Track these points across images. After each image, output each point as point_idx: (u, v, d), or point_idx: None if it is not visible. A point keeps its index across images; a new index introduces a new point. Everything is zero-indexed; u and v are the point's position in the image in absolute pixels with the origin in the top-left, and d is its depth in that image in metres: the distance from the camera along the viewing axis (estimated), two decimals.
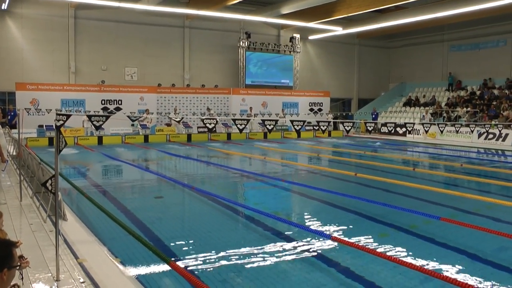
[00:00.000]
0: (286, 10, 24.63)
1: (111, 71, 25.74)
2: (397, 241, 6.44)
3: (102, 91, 23.60)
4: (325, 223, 7.40)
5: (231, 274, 5.15)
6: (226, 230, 7.20)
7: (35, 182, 9.04)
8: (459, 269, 5.34)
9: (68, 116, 4.91)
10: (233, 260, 5.54)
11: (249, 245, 6.11)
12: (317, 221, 7.58)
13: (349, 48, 34.35)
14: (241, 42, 28.72)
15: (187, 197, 10.16)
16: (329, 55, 33.46)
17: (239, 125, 7.14)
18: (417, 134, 25.27)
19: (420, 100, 30.82)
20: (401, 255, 5.76)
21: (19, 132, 10.25)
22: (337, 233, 6.73)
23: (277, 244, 6.20)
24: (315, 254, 5.86)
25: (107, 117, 5.46)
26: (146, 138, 22.06)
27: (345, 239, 6.37)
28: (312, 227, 7.09)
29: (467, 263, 5.61)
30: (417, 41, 33.56)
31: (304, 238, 6.44)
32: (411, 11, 25.53)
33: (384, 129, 26.47)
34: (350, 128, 7.73)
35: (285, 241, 6.36)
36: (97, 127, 5.54)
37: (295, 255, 5.80)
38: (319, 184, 11.10)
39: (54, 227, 5.82)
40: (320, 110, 30.09)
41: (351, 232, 6.79)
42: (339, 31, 29.54)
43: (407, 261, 5.47)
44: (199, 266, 5.34)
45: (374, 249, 5.95)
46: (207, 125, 7.05)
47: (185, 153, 18.20)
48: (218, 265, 5.37)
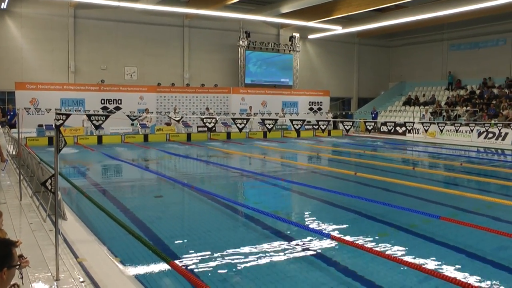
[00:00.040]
0: (285, 9, 24.62)
1: (110, 71, 25.73)
2: (397, 240, 6.45)
3: (101, 91, 23.60)
4: (324, 222, 7.40)
5: (230, 273, 5.15)
6: (225, 229, 7.20)
7: (34, 181, 9.03)
8: (458, 268, 5.35)
9: (67, 115, 4.90)
10: (232, 259, 5.54)
11: (249, 244, 6.11)
12: (316, 220, 7.58)
13: (349, 47, 34.34)
14: (241, 41, 28.71)
15: (187, 197, 10.16)
16: (329, 54, 33.45)
17: (238, 124, 7.15)
18: (417, 133, 25.28)
19: (419, 99, 30.81)
20: (401, 254, 5.77)
21: (19, 131, 10.25)
22: (336, 232, 6.73)
23: (277, 243, 6.20)
24: (314, 253, 5.87)
25: (107, 117, 5.45)
26: (145, 137, 22.05)
27: (345, 238, 6.38)
28: (311, 226, 7.09)
29: (466, 262, 5.62)
30: (417, 40, 33.56)
31: (303, 237, 6.45)
32: (411, 10, 25.53)
33: (383, 128, 26.48)
34: (349, 127, 7.75)
35: (284, 240, 6.36)
36: (96, 127, 5.53)
37: (294, 254, 5.81)
38: (319, 183, 11.10)
39: (53, 227, 5.83)
40: (319, 109, 30.09)
41: (351, 231, 6.79)
42: (338, 30, 29.53)
43: (406, 260, 5.47)
44: (199, 265, 5.34)
45: (373, 248, 5.95)
46: (207, 124, 7.05)
47: (184, 152, 18.20)
48: (217, 264, 5.37)
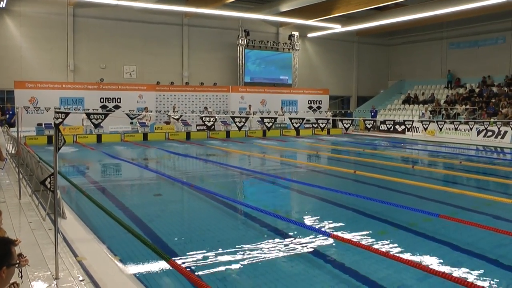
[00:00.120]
0: (285, 7, 24.60)
1: (109, 69, 25.70)
2: (396, 238, 6.45)
3: (101, 89, 23.58)
4: (324, 220, 7.41)
5: (230, 271, 5.16)
6: (225, 227, 7.20)
7: (34, 180, 9.03)
8: (458, 266, 5.35)
9: (66, 114, 4.90)
10: (232, 257, 5.54)
11: (248, 242, 6.12)
12: (316, 218, 7.58)
13: (348, 45, 34.33)
14: (240, 40, 28.69)
15: (186, 195, 10.16)
16: (328, 52, 33.42)
17: (238, 123, 7.16)
18: (416, 131, 25.31)
19: (419, 97, 30.82)
20: (400, 252, 5.77)
21: (18, 130, 10.24)
22: (336, 230, 6.74)
23: (276, 241, 6.20)
24: (314, 251, 5.87)
25: (106, 115, 5.45)
26: (145, 136, 22.06)
27: (345, 236, 6.39)
28: (311, 225, 7.10)
29: (466, 260, 5.62)
30: (416, 38, 33.54)
31: (303, 235, 6.45)
32: (410, 9, 25.53)
33: (383, 126, 26.42)
34: (349, 125, 7.77)
35: (284, 238, 6.37)
36: (96, 125, 5.53)
37: (294, 253, 5.81)
38: (318, 181, 11.10)
39: (53, 225, 5.83)
40: (319, 107, 30.09)
41: (350, 229, 6.80)
42: (338, 28, 29.52)
43: (406, 258, 5.48)
44: (198, 263, 5.34)
45: (373, 246, 5.96)
46: (206, 123, 7.06)
47: (184, 151, 18.20)
48: (217, 263, 5.37)
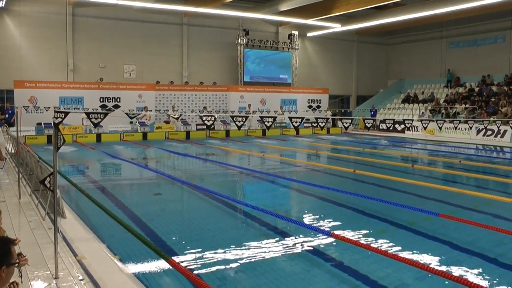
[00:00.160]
0: (284, 7, 24.58)
1: (109, 69, 25.69)
2: (396, 237, 6.46)
3: (100, 89, 23.60)
4: (323, 219, 7.41)
5: (229, 270, 5.16)
6: (225, 227, 7.21)
7: (33, 179, 9.02)
8: (457, 265, 5.35)
9: (66, 113, 4.90)
10: (231, 256, 5.54)
11: (248, 241, 6.12)
12: (316, 217, 7.59)
13: (347, 45, 34.32)
14: (240, 39, 28.68)
15: (186, 194, 10.16)
16: (328, 52, 33.41)
17: (237, 122, 7.15)
18: (416, 130, 25.31)
19: (418, 97, 30.82)
20: (400, 251, 5.77)
21: (18, 130, 10.23)
22: (336, 229, 6.74)
23: (276, 240, 6.20)
24: (314, 250, 5.87)
25: (106, 115, 5.45)
26: (144, 135, 22.06)
27: (344, 235, 6.39)
28: (311, 224, 7.10)
29: (465, 259, 5.63)
30: (416, 38, 33.54)
31: (302, 234, 6.45)
32: (410, 8, 25.52)
33: (382, 126, 26.43)
34: (348, 125, 7.77)
35: (283, 237, 6.37)
36: (95, 125, 5.53)
37: (293, 252, 5.82)
38: (318, 181, 11.11)
39: (53, 225, 5.83)
40: (318, 107, 30.10)
41: (350, 228, 6.80)
42: (337, 28, 29.51)
43: (405, 257, 5.48)
44: (198, 263, 5.34)
45: (372, 245, 5.96)
46: (206, 122, 7.05)
47: (183, 150, 18.20)
48: (216, 262, 5.37)
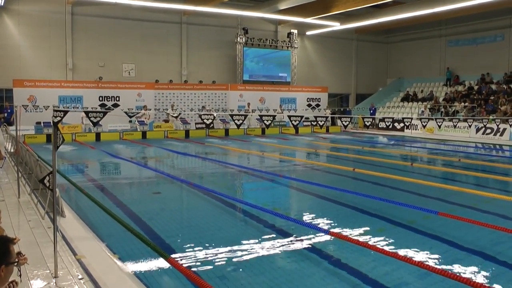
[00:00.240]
0: (283, 5, 24.57)
1: (108, 68, 25.67)
2: (395, 236, 6.46)
3: (99, 88, 23.58)
4: (323, 218, 7.42)
5: (229, 269, 5.16)
6: (224, 225, 7.21)
7: (33, 179, 9.02)
8: (457, 263, 5.36)
9: (65, 112, 4.90)
10: (231, 255, 5.55)
11: (247, 240, 6.12)
12: (315, 216, 7.59)
13: (347, 43, 34.31)
14: (239, 38, 28.66)
15: (185, 193, 10.16)
16: (327, 50, 33.40)
17: (237, 121, 7.15)
18: (415, 129, 25.32)
19: (418, 95, 30.83)
20: (399, 249, 5.77)
21: (17, 129, 10.22)
22: (335, 228, 6.75)
23: (275, 239, 6.21)
24: (313, 249, 5.87)
25: (105, 113, 5.45)
26: (144, 134, 22.05)
27: (343, 234, 6.40)
28: (310, 222, 7.10)
29: (464, 257, 5.63)
30: (415, 36, 33.52)
31: (302, 233, 6.46)
32: (409, 6, 25.51)
33: (382, 124, 26.51)
34: (347, 123, 7.78)
35: (283, 236, 6.37)
36: (94, 123, 5.53)
37: (293, 250, 5.82)
38: (317, 179, 11.10)
39: (52, 224, 5.83)
40: (318, 105, 30.08)
41: (349, 227, 6.80)
42: (336, 26, 29.49)
43: (405, 255, 5.49)
44: (198, 261, 5.35)
45: (372, 244, 5.96)
46: (205, 121, 7.06)
47: (183, 149, 18.20)
48: (216, 261, 5.37)
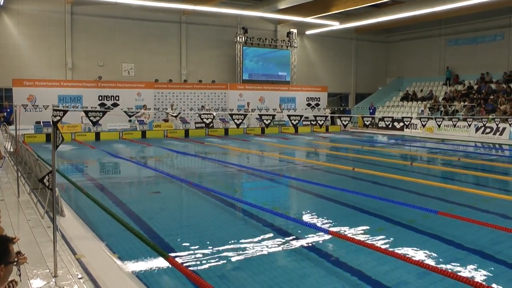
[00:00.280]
0: (283, 5, 24.55)
1: (108, 67, 25.66)
2: (395, 235, 6.47)
3: (99, 87, 23.55)
4: (323, 217, 7.42)
5: (229, 268, 5.16)
6: (224, 225, 7.21)
7: (32, 178, 9.02)
8: (456, 262, 5.36)
9: (64, 112, 4.89)
10: (231, 254, 5.55)
11: (247, 239, 6.12)
12: (314, 215, 7.59)
13: (346, 43, 34.30)
14: (238, 37, 28.64)
15: (185, 193, 10.16)
16: (327, 50, 33.39)
17: (236, 120, 7.14)
18: (415, 128, 25.33)
19: (417, 94, 30.84)
20: (399, 249, 5.77)
21: (16, 128, 10.21)
22: (334, 227, 6.75)
23: (275, 238, 6.20)
24: (313, 248, 5.88)
25: (104, 113, 5.44)
26: (143, 133, 22.05)
27: (343, 233, 6.40)
28: (310, 222, 7.11)
29: (464, 256, 5.63)
30: (415, 35, 33.52)
31: (301, 232, 6.46)
32: (409, 6, 25.51)
33: (381, 123, 26.51)
34: (347, 122, 7.78)
35: (282, 235, 6.37)
36: (94, 123, 5.53)
37: (292, 250, 5.82)
38: (317, 178, 11.10)
39: (52, 223, 5.83)
40: (317, 105, 30.07)
41: (349, 226, 6.80)
42: (336, 26, 29.49)
43: (404, 254, 5.49)
44: (197, 261, 5.35)
45: (371, 243, 5.97)
46: (204, 120, 7.05)
47: (182, 148, 18.20)
48: (216, 260, 5.37)
